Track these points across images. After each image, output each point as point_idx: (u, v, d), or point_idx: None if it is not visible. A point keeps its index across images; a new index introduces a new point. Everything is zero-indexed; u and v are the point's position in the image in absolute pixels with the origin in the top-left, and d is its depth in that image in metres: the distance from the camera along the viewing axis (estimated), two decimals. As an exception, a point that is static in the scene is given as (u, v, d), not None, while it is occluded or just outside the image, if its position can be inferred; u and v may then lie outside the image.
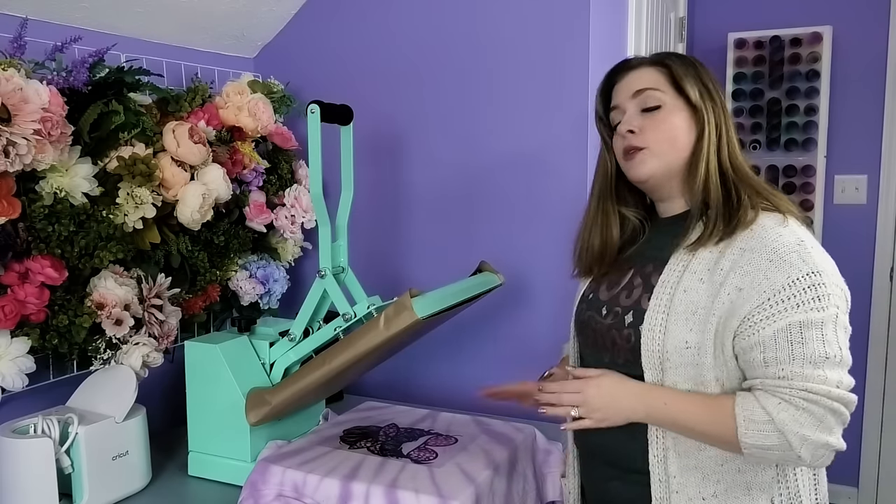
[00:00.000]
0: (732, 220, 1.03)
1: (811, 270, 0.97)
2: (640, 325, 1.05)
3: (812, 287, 0.96)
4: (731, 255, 1.01)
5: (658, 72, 1.11)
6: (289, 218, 1.79)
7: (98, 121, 1.37)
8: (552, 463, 1.47)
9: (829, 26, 2.83)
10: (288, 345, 1.44)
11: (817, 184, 2.90)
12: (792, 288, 0.96)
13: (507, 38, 1.70)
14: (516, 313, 1.75)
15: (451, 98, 1.78)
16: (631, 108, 1.11)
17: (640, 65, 1.13)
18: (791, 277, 0.96)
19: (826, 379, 0.95)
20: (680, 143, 1.08)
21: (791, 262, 0.97)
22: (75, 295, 1.35)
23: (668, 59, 1.12)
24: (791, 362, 0.96)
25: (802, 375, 0.95)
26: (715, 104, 1.09)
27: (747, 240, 1.01)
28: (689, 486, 1.04)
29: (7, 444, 1.22)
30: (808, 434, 0.95)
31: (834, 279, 0.98)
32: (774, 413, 0.95)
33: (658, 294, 1.05)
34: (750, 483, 1.03)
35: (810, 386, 0.94)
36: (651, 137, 1.09)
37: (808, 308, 0.96)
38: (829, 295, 0.96)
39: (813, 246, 1.00)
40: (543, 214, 1.70)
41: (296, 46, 1.94)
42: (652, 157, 1.09)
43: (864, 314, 2.89)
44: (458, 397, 1.83)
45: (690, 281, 1.03)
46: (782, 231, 1.01)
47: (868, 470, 2.96)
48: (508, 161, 1.73)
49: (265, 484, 1.27)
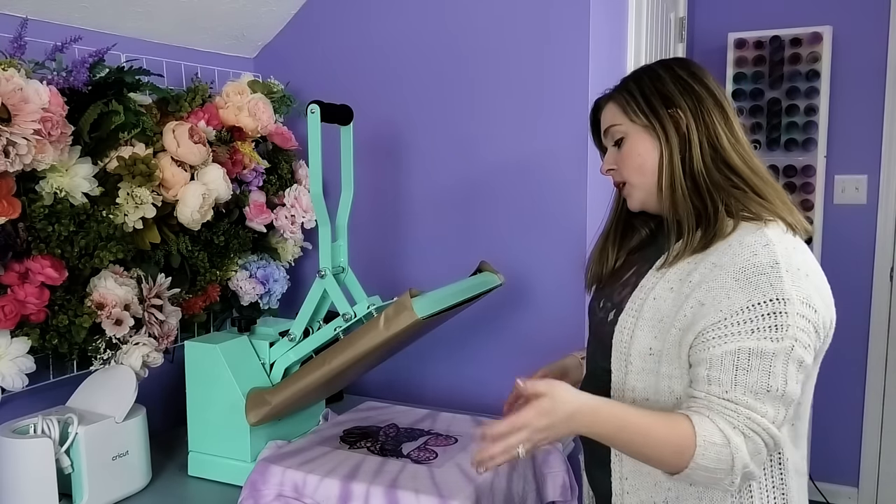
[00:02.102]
0: (708, 233, 1.01)
1: (776, 297, 0.94)
2: (615, 326, 1.08)
3: (771, 315, 0.93)
4: (703, 269, 1.00)
5: (614, 104, 1.12)
6: (289, 218, 1.79)
7: (98, 121, 1.37)
8: (552, 463, 1.47)
9: (829, 26, 2.83)
10: (288, 345, 1.44)
11: (817, 184, 2.90)
12: (750, 312, 0.94)
13: (507, 38, 1.70)
14: (516, 313, 1.75)
15: (451, 98, 1.78)
16: (609, 145, 1.15)
17: (606, 102, 1.15)
18: (752, 301, 0.94)
19: (766, 413, 0.94)
20: (648, 167, 1.08)
21: (757, 284, 0.95)
22: (75, 295, 1.35)
23: (619, 89, 1.12)
24: (734, 387, 0.94)
25: (746, 404, 0.94)
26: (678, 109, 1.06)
27: (721, 254, 0.99)
28: (641, 490, 1.06)
29: (7, 444, 1.21)
30: (748, 463, 0.94)
31: (800, 309, 0.94)
32: (731, 437, 0.93)
33: (634, 298, 1.07)
34: (701, 494, 1.03)
35: (755, 417, 0.94)
36: (625, 171, 1.12)
37: (762, 336, 0.93)
38: (788, 326, 0.93)
39: (788, 269, 0.95)
40: (543, 214, 1.70)
41: (296, 46, 1.94)
42: (633, 189, 1.12)
43: (864, 314, 2.89)
44: (458, 397, 1.83)
45: (662, 289, 1.04)
46: (758, 250, 0.97)
47: (868, 470, 2.96)
48: (508, 161, 1.73)
49: (265, 484, 1.27)
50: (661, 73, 1.09)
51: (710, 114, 1.06)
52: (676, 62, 1.12)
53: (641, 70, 1.14)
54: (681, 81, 1.08)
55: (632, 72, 1.16)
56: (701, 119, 1.06)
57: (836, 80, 2.86)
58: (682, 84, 1.07)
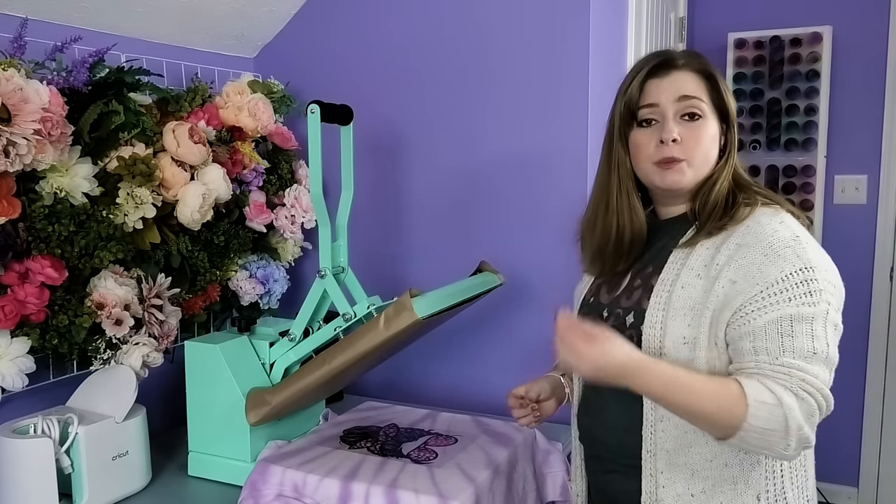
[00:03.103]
0: (724, 218, 1.05)
1: (804, 266, 0.97)
2: (642, 325, 1.05)
3: (804, 282, 0.97)
4: (727, 250, 1.02)
5: (701, 80, 1.08)
6: (289, 218, 1.79)
7: (98, 121, 1.37)
8: (552, 463, 1.47)
9: (829, 26, 2.83)
10: (288, 345, 1.44)
11: (817, 184, 2.90)
12: (784, 282, 0.97)
13: (506, 38, 1.70)
14: (516, 313, 1.75)
15: (451, 98, 1.78)
16: (671, 113, 1.07)
17: (683, 66, 1.09)
18: (784, 272, 0.97)
19: (818, 375, 0.95)
20: (711, 157, 1.09)
21: (785, 256, 0.98)
22: (75, 295, 1.35)
23: (709, 68, 1.10)
24: (782, 353, 0.96)
25: (798, 367, 0.95)
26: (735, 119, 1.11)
27: (743, 235, 1.02)
28: (678, 483, 1.05)
29: (7, 444, 1.21)
30: (802, 424, 0.94)
31: (827, 276, 0.99)
32: (783, 397, 0.93)
33: (657, 292, 1.06)
34: (736, 478, 1.04)
35: (809, 378, 0.95)
36: (694, 150, 1.07)
37: (800, 302, 0.96)
38: (821, 290, 0.97)
39: (808, 242, 1.01)
40: (543, 214, 1.70)
41: (296, 46, 1.94)
42: (689, 169, 1.08)
43: (864, 314, 2.88)
44: (458, 397, 1.83)
45: (688, 277, 1.04)
46: (778, 227, 1.02)
47: (868, 470, 2.96)
48: (508, 161, 1.73)
49: (265, 484, 1.27)
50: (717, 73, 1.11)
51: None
52: None
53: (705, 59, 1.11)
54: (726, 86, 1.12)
55: (695, 52, 1.13)
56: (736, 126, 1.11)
57: (836, 80, 2.86)
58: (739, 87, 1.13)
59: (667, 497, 1.05)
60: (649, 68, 1.10)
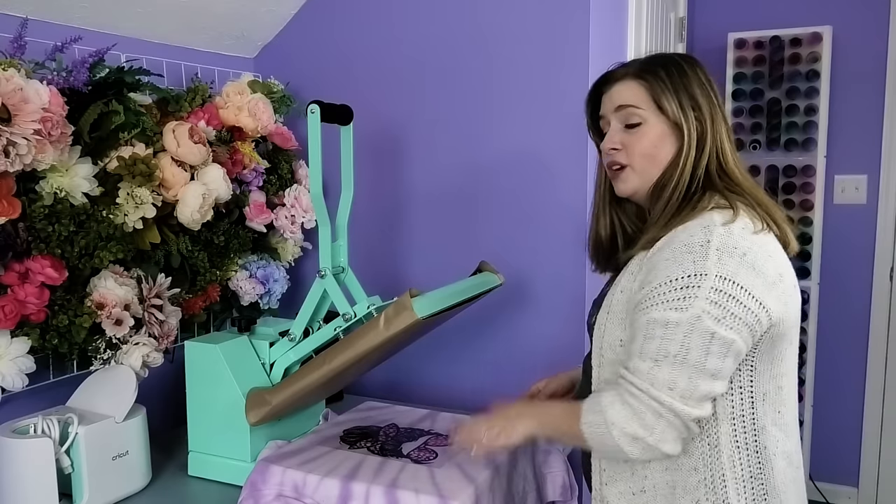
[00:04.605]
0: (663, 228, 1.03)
1: (694, 272, 0.95)
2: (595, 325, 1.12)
3: (684, 288, 0.95)
4: (651, 252, 1.03)
5: (639, 85, 1.09)
6: (289, 218, 1.79)
7: (98, 121, 1.37)
8: (552, 463, 1.47)
9: (829, 26, 2.83)
10: (288, 345, 1.44)
11: (817, 184, 2.90)
12: (665, 286, 0.97)
13: (507, 38, 1.70)
14: (516, 314, 1.75)
15: (451, 98, 1.78)
16: (614, 123, 1.12)
17: (623, 77, 1.12)
18: (670, 276, 0.97)
19: (655, 379, 0.96)
20: (659, 159, 1.09)
21: (681, 262, 0.97)
22: (75, 295, 1.35)
23: (648, 72, 1.09)
24: (638, 356, 0.98)
25: (639, 370, 0.97)
26: (700, 114, 1.07)
27: (668, 238, 1.02)
28: (619, 481, 1.08)
29: (7, 444, 1.21)
30: (625, 427, 0.97)
31: (717, 284, 0.94)
32: (606, 406, 0.99)
33: (607, 297, 1.10)
34: (675, 482, 1.04)
35: (636, 381, 0.97)
36: (633, 156, 1.10)
37: (669, 307, 0.96)
38: (697, 297, 0.94)
39: (719, 249, 0.96)
40: (543, 214, 1.70)
41: (296, 46, 1.94)
42: (634, 175, 1.11)
43: (864, 314, 2.89)
44: (458, 397, 1.83)
45: (627, 281, 1.07)
46: (696, 231, 0.99)
47: (868, 470, 2.96)
48: (508, 161, 1.73)
49: (265, 484, 1.27)
50: (688, 71, 1.09)
51: (720, 122, 1.08)
52: (695, 62, 1.11)
53: (666, 59, 1.11)
54: (703, 84, 1.09)
55: (654, 55, 1.13)
56: (713, 126, 1.07)
57: (836, 80, 2.86)
58: (704, 87, 1.09)
59: (610, 494, 1.09)
60: (596, 84, 1.17)
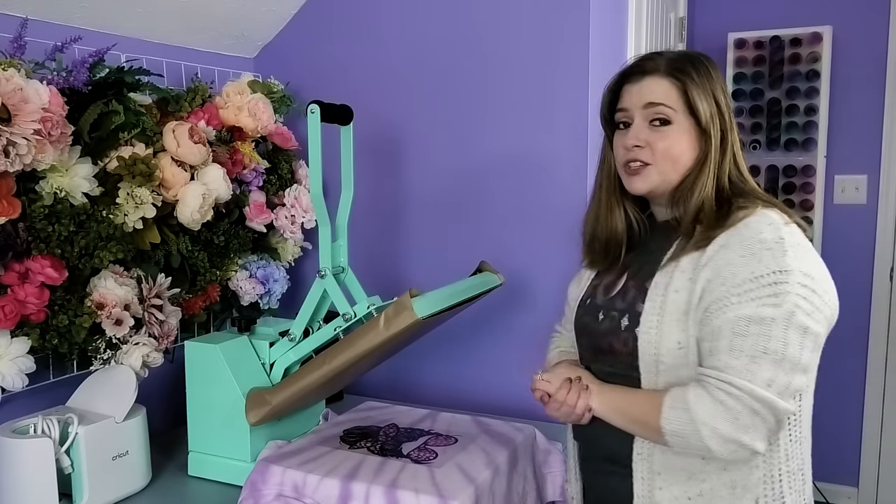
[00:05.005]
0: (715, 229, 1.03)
1: (778, 269, 0.96)
2: (637, 329, 1.06)
3: (772, 284, 0.95)
4: (710, 251, 1.02)
5: (672, 85, 1.07)
6: (289, 218, 1.79)
7: (98, 121, 1.37)
8: (552, 463, 1.47)
9: (829, 26, 2.83)
10: (288, 345, 1.44)
11: (817, 184, 2.90)
12: (752, 283, 0.96)
13: (506, 38, 1.70)
14: (516, 313, 1.75)
15: (450, 98, 1.78)
16: (639, 118, 1.09)
17: (654, 72, 1.09)
18: (755, 273, 0.96)
19: (755, 376, 0.94)
20: (682, 163, 1.07)
21: (761, 258, 0.97)
22: (75, 295, 1.35)
23: (683, 72, 1.07)
24: (729, 353, 0.96)
25: (733, 368, 0.95)
26: (723, 119, 1.07)
27: (728, 236, 1.01)
28: (675, 485, 1.05)
29: (7, 444, 1.21)
30: (718, 427, 0.95)
31: (803, 280, 0.96)
32: (692, 402, 0.97)
33: (652, 296, 1.06)
34: (734, 482, 1.03)
35: (734, 380, 0.95)
36: (657, 155, 1.07)
37: (761, 304, 0.95)
38: (788, 293, 0.95)
39: (793, 247, 0.98)
40: (543, 214, 1.70)
41: (296, 46, 1.94)
42: (655, 174, 1.08)
43: (864, 314, 2.89)
44: (458, 397, 1.83)
45: (681, 280, 1.04)
46: (764, 229, 0.99)
47: (868, 470, 2.96)
48: (508, 161, 1.73)
49: (265, 484, 1.27)
50: (712, 72, 1.08)
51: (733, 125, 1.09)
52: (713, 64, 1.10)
53: (693, 58, 1.09)
54: (724, 88, 1.09)
55: (681, 53, 1.12)
56: (733, 130, 1.08)
57: (836, 80, 2.86)
58: (724, 90, 1.08)
59: (664, 500, 1.05)
60: (624, 74, 1.13)
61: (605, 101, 1.16)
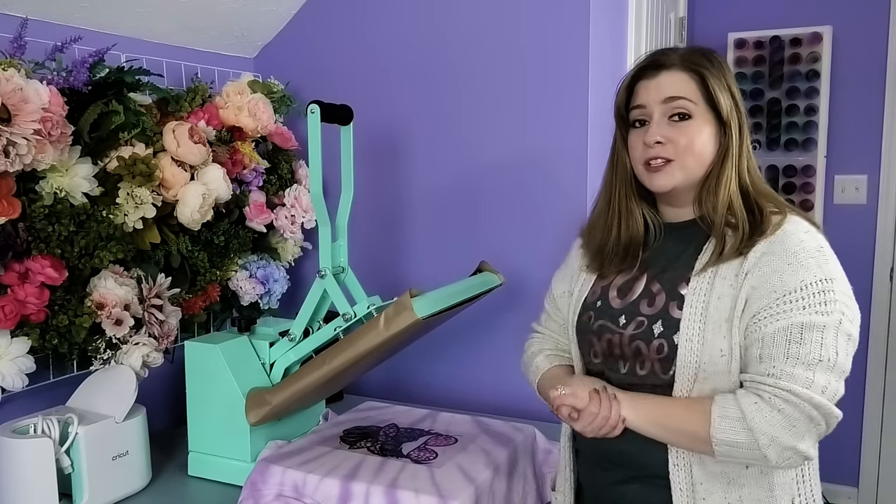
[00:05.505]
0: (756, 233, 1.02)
1: (825, 277, 0.98)
2: (675, 335, 1.03)
3: (822, 292, 0.97)
4: (753, 257, 1.01)
5: (690, 78, 1.05)
6: (289, 218, 1.79)
7: (98, 121, 1.37)
8: (552, 463, 1.47)
9: (829, 26, 2.83)
10: (288, 345, 1.44)
11: (817, 184, 2.90)
12: (802, 291, 0.97)
13: (506, 38, 1.70)
14: (516, 313, 1.75)
15: (450, 98, 1.78)
16: (658, 114, 1.06)
17: (672, 66, 1.07)
18: (804, 281, 0.97)
19: (812, 383, 0.94)
20: (704, 157, 1.06)
21: (807, 266, 0.98)
22: (75, 295, 1.35)
23: (700, 65, 1.06)
24: (784, 360, 0.96)
25: (791, 375, 0.95)
26: (740, 114, 1.07)
27: (769, 244, 1.01)
28: (716, 493, 1.03)
29: (7, 444, 1.21)
30: (777, 435, 0.95)
31: (844, 288, 0.99)
32: (748, 411, 0.95)
33: (691, 303, 1.03)
34: (773, 484, 1.03)
35: (794, 388, 0.94)
36: (680, 150, 1.05)
37: (813, 311, 0.96)
38: (836, 301, 0.97)
39: (831, 254, 1.01)
40: (543, 214, 1.70)
41: (296, 46, 1.94)
42: (678, 170, 1.06)
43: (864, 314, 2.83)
44: (458, 397, 1.83)
45: (723, 287, 1.02)
46: (804, 237, 1.01)
47: (868, 470, 2.96)
48: (508, 161, 1.73)
49: (265, 484, 1.27)
50: (725, 68, 1.08)
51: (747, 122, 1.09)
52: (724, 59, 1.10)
53: (708, 53, 1.08)
54: (735, 83, 1.09)
55: (694, 48, 1.10)
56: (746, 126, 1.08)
57: (836, 80, 2.86)
58: (736, 86, 1.08)
59: None
60: (639, 69, 1.10)
61: (622, 98, 1.12)
